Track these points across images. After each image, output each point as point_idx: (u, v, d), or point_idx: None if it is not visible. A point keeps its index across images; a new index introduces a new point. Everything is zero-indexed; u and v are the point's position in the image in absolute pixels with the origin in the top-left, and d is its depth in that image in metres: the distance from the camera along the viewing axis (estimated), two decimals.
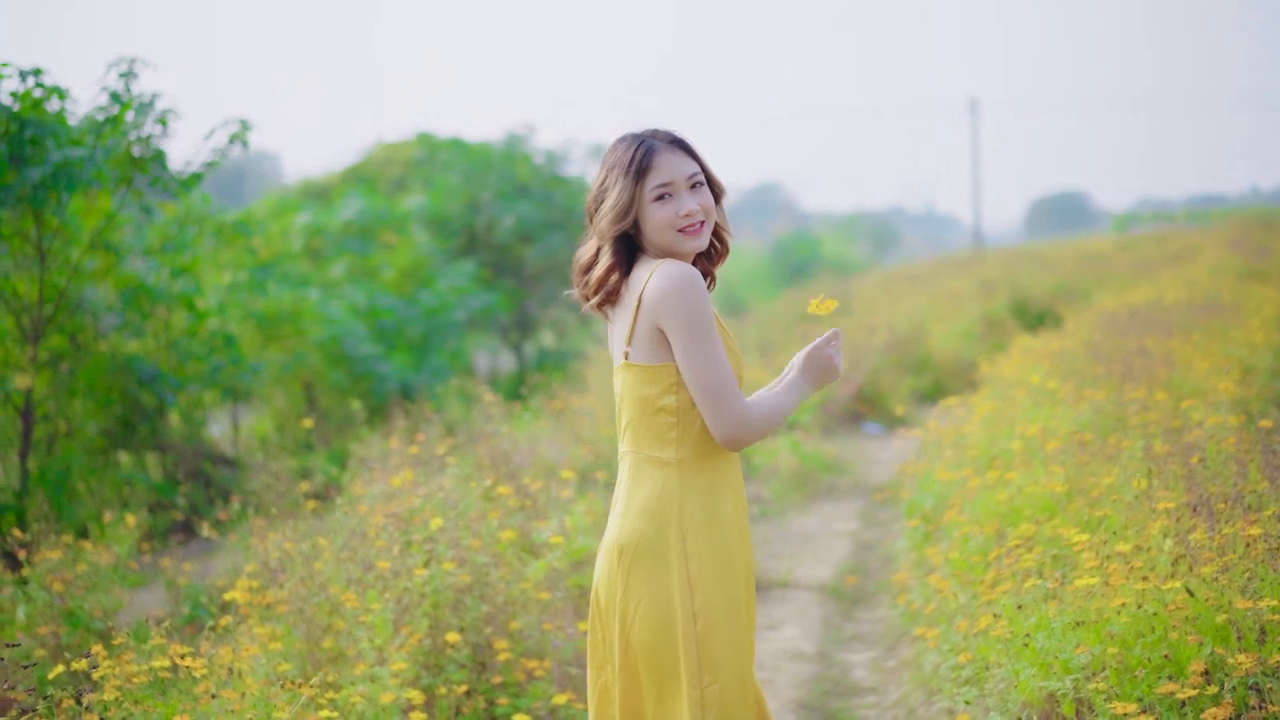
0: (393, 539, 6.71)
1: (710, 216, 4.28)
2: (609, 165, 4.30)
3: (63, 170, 10.01)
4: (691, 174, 4.24)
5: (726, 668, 4.15)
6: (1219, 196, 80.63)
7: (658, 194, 4.20)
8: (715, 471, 4.24)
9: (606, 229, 4.27)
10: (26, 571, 8.28)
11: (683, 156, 4.26)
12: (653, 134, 4.30)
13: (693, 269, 4.17)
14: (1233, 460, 6.83)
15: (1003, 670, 5.48)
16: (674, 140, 4.29)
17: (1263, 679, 4.43)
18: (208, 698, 5.17)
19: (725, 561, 4.22)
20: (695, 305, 4.13)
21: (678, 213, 4.20)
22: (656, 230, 4.22)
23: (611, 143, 4.35)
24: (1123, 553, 5.45)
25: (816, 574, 9.93)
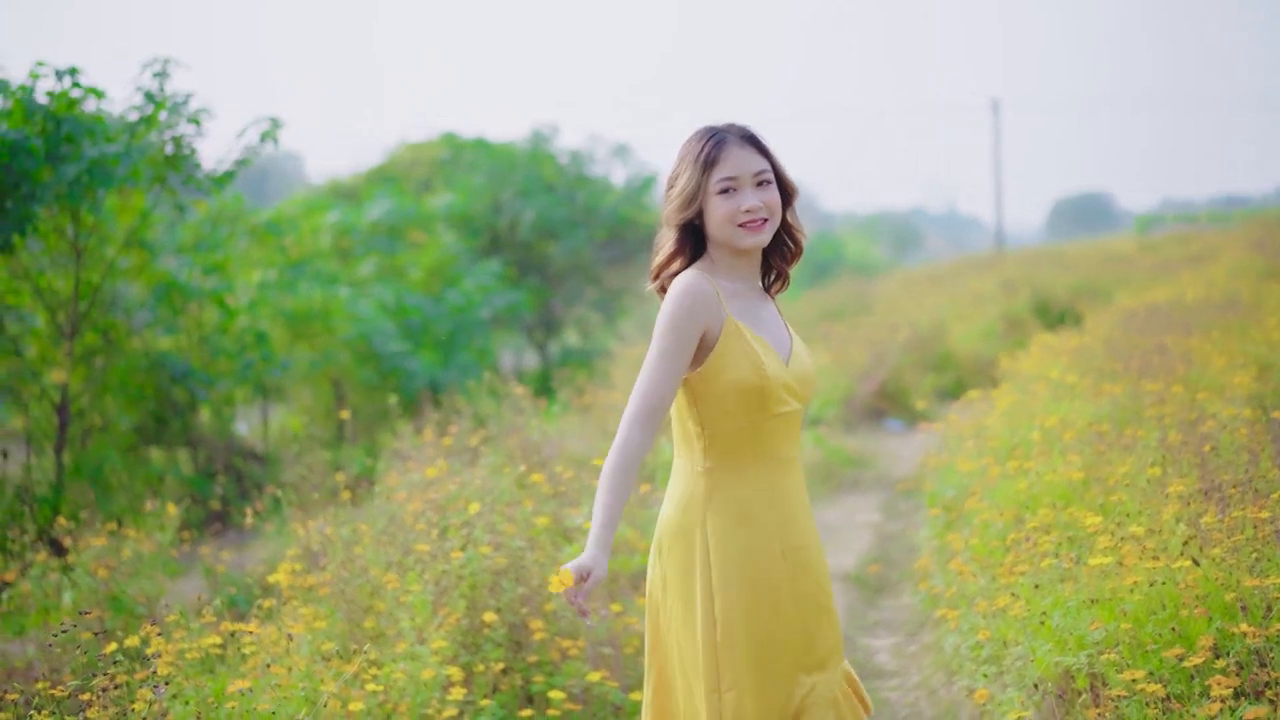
0: (431, 524, 6.92)
1: (774, 215, 4.27)
2: (682, 156, 4.32)
3: (98, 167, 10.18)
4: (759, 171, 4.24)
5: (747, 677, 4.16)
6: (1243, 197, 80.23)
7: (722, 187, 4.21)
8: (750, 483, 4.21)
9: (672, 216, 4.30)
10: (72, 558, 8.52)
11: (752, 153, 4.26)
12: (727, 128, 4.30)
13: (697, 280, 4.20)
14: (1244, 450, 7.01)
15: (1020, 648, 5.67)
16: (747, 136, 4.29)
17: (1265, 646, 4.63)
18: (258, 671, 5.38)
19: (753, 572, 4.19)
20: (669, 314, 4.17)
21: (739, 207, 4.20)
22: (717, 223, 4.23)
23: (690, 135, 4.35)
24: (1136, 535, 5.65)
25: (841, 563, 10.13)
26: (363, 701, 5.46)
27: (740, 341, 4.20)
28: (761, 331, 4.27)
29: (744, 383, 4.16)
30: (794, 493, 4.29)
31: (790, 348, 4.32)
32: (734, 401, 4.17)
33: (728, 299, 4.25)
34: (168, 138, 11.22)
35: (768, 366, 4.18)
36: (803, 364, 4.32)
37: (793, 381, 4.24)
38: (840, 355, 18.65)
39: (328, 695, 5.25)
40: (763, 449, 4.22)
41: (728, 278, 4.30)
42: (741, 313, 4.26)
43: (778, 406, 4.20)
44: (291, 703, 5.18)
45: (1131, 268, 29.46)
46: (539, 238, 24.30)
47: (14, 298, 11.42)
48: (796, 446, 4.32)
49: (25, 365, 11.45)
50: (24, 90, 10.24)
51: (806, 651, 4.23)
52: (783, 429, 4.24)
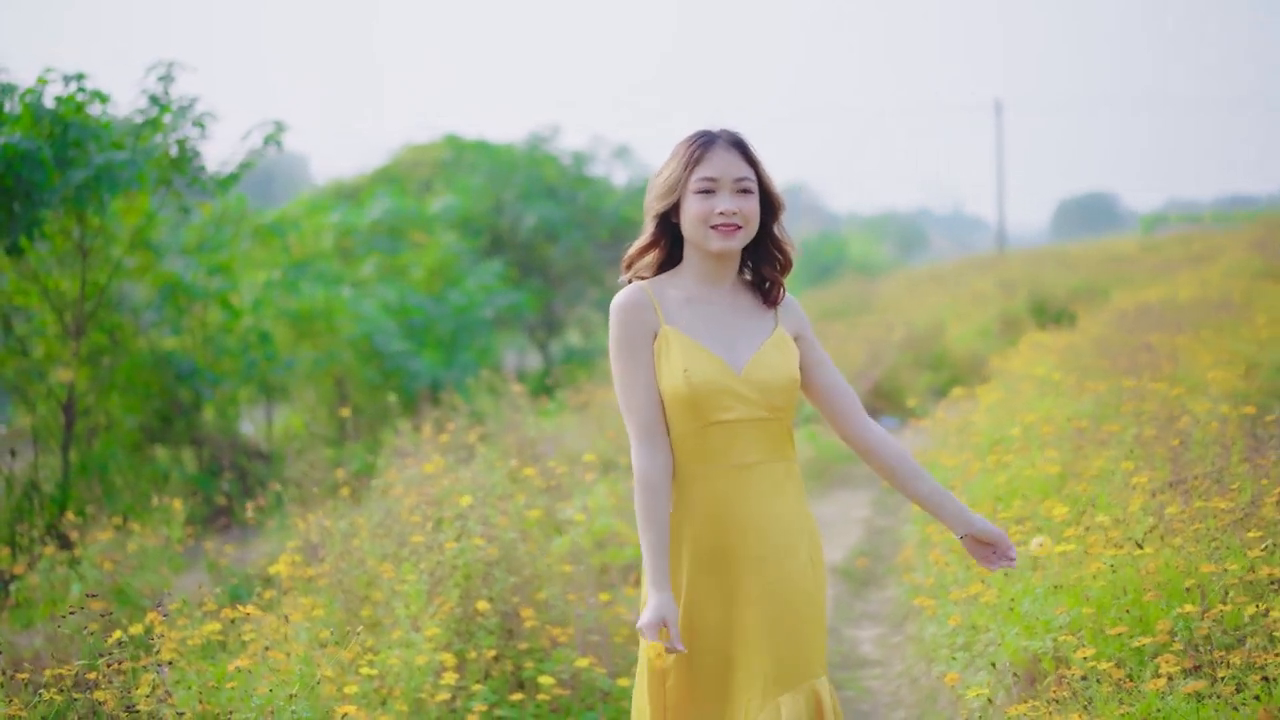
0: (426, 516, 7.13)
1: (748, 223, 4.25)
2: (673, 152, 4.32)
3: (105, 172, 10.31)
4: (741, 177, 4.24)
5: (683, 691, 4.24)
6: (1248, 198, 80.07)
7: (701, 186, 4.21)
8: (702, 486, 4.23)
9: (651, 204, 4.32)
10: (79, 551, 8.72)
11: (738, 159, 4.26)
12: (720, 131, 4.31)
13: (628, 295, 4.28)
14: (1217, 444, 7.22)
15: (991, 634, 5.89)
16: (736, 142, 4.30)
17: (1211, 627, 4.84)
18: (258, 657, 5.59)
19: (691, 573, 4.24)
20: (612, 335, 4.29)
21: (714, 209, 4.20)
22: (690, 221, 4.24)
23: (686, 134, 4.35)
24: (1102, 524, 5.86)
25: (830, 557, 10.32)
26: (358, 685, 5.67)
27: (670, 350, 4.23)
28: (707, 338, 4.25)
29: (674, 390, 4.19)
30: (751, 501, 4.21)
31: (752, 356, 4.25)
32: (673, 408, 4.20)
33: (675, 306, 4.29)
34: (172, 141, 11.39)
35: (695, 375, 4.18)
36: (766, 372, 4.23)
37: (744, 389, 4.20)
38: (837, 354, 18.79)
39: (320, 676, 5.44)
40: (710, 455, 4.21)
41: (694, 281, 4.32)
42: (688, 319, 4.28)
43: (717, 414, 4.18)
44: (289, 685, 5.38)
45: (1133, 268, 29.58)
46: (540, 239, 24.48)
47: (22, 298, 11.58)
48: (764, 453, 4.23)
49: (32, 365, 11.61)
50: (32, 95, 10.42)
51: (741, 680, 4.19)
52: (731, 436, 4.20)
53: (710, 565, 4.20)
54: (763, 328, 4.32)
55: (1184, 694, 4.39)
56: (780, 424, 4.28)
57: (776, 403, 4.25)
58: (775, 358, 4.26)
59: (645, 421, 4.21)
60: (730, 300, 4.35)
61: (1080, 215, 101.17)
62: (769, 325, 4.33)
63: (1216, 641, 4.77)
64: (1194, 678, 4.48)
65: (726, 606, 4.21)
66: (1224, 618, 4.87)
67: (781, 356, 4.28)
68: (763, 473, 4.23)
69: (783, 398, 4.26)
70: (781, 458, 4.29)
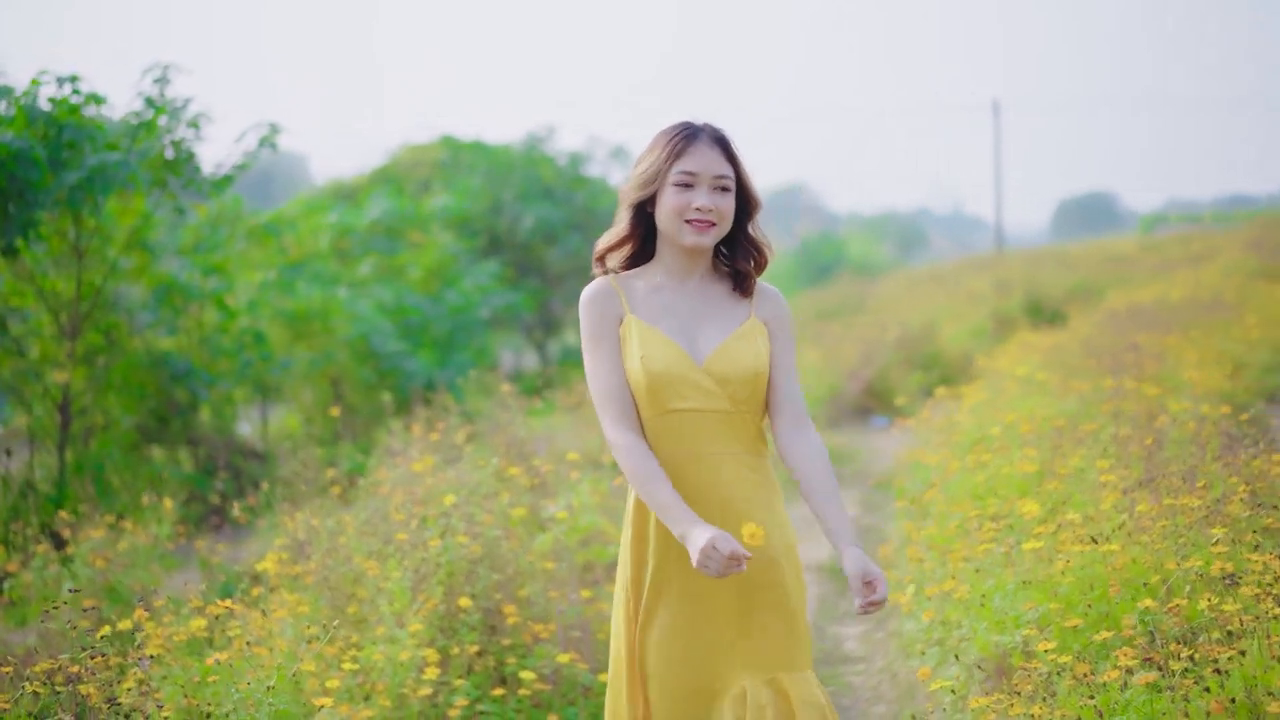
0: (411, 515, 7.23)
1: (723, 220, 4.27)
2: (654, 142, 4.32)
3: (99, 174, 10.37)
4: (720, 175, 4.25)
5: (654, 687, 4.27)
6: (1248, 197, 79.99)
7: (680, 180, 4.22)
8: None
9: (628, 193, 4.33)
10: (71, 549, 8.81)
11: (719, 156, 4.27)
12: (703, 126, 4.32)
13: (595, 286, 4.34)
14: (1193, 443, 7.33)
15: (963, 629, 5.99)
16: (719, 139, 4.30)
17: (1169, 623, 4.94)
18: (243, 653, 5.68)
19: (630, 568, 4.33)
20: (582, 325, 4.34)
21: (690, 204, 4.21)
22: (666, 214, 4.25)
23: (667, 124, 4.35)
24: (1073, 522, 5.96)
25: (816, 555, 10.39)
26: (340, 680, 5.76)
27: (631, 338, 4.28)
28: (668, 328, 4.28)
29: (634, 378, 4.24)
30: (714, 490, 4.23)
31: (715, 347, 4.26)
32: (636, 395, 4.25)
33: (642, 296, 4.33)
34: (167, 142, 11.47)
35: (651, 362, 4.22)
36: (726, 364, 4.24)
37: (703, 379, 4.23)
38: (831, 354, 18.93)
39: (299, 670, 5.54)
40: (672, 443, 4.24)
41: (664, 273, 4.35)
42: (652, 309, 4.31)
43: (674, 402, 4.22)
44: (268, 678, 5.47)
45: (1131, 268, 29.68)
46: (538, 240, 24.56)
47: (18, 299, 11.64)
48: (727, 444, 4.25)
49: (29, 365, 11.67)
50: (27, 97, 10.50)
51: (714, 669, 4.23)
52: (690, 425, 4.23)
53: (678, 554, 4.22)
54: (733, 318, 4.34)
55: (1139, 686, 4.49)
56: (744, 417, 4.29)
57: (738, 395, 4.26)
58: (739, 349, 4.27)
59: (617, 408, 4.26)
60: (699, 291, 4.37)
61: (1080, 215, 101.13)
62: (741, 315, 4.35)
63: (1171, 635, 4.87)
64: (1148, 670, 4.58)
65: (694, 596, 4.23)
66: (1182, 612, 4.97)
67: (747, 348, 4.28)
68: (725, 462, 4.25)
69: (744, 390, 4.27)
70: (749, 451, 4.31)
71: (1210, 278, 22.07)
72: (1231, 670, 4.39)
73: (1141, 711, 4.41)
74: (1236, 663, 4.43)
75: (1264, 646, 4.43)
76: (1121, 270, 29.23)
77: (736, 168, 4.32)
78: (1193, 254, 30.72)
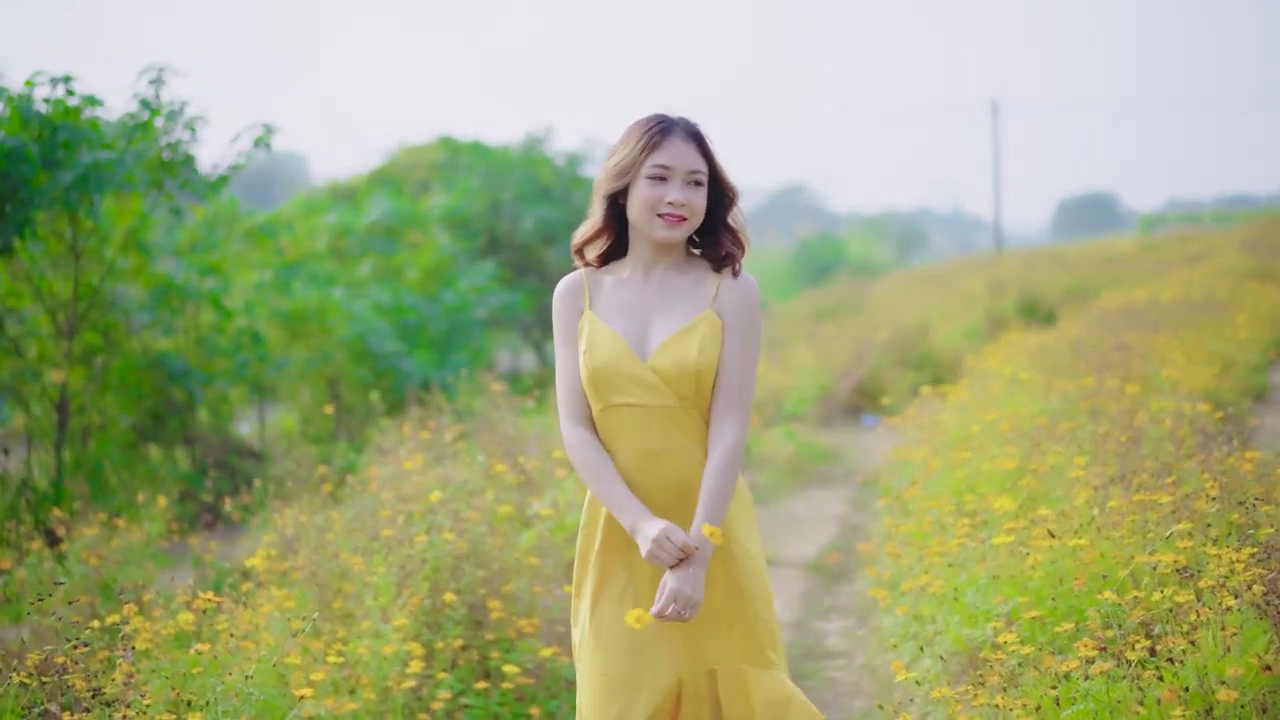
0: (398, 511, 7.34)
1: (694, 216, 4.26)
2: (628, 133, 4.32)
3: (92, 173, 10.48)
4: (694, 170, 4.25)
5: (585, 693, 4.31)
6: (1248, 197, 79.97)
7: (654, 173, 4.22)
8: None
9: (601, 184, 4.34)
10: (65, 547, 8.91)
11: (694, 150, 4.27)
12: (678, 120, 4.30)
13: (565, 281, 4.44)
14: (1169, 440, 7.43)
15: (937, 623, 6.10)
16: (693, 133, 4.30)
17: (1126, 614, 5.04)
18: (230, 647, 5.78)
19: (604, 552, 4.34)
20: (553, 317, 4.41)
21: (663, 197, 4.21)
22: (637, 207, 4.25)
23: (640, 116, 4.36)
24: (1045, 517, 6.07)
25: (802, 552, 10.52)
26: (325, 673, 5.87)
27: (584, 333, 4.33)
28: (620, 323, 4.31)
29: (584, 370, 4.28)
30: (655, 486, 4.25)
31: (660, 343, 4.26)
32: (585, 389, 4.31)
33: (606, 291, 4.38)
34: (164, 143, 11.57)
35: (592, 357, 4.27)
36: (669, 360, 4.22)
37: (647, 374, 4.23)
38: (823, 353, 19.02)
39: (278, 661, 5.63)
40: (617, 438, 4.27)
41: (632, 265, 4.38)
42: (610, 304, 4.35)
43: (616, 397, 4.25)
44: (258, 674, 5.57)
45: (1128, 268, 29.72)
46: (537, 241, 24.61)
47: (15, 299, 11.72)
48: (672, 440, 4.25)
49: (26, 365, 11.77)
50: (22, 99, 10.59)
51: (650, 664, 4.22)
52: (634, 420, 4.25)
53: (623, 546, 4.28)
54: (688, 312, 4.30)
55: (1097, 674, 4.60)
56: (693, 414, 4.27)
57: (682, 391, 4.24)
58: (684, 346, 4.23)
59: (569, 403, 4.33)
60: (661, 283, 4.36)
61: (1081, 215, 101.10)
62: (698, 308, 4.31)
63: (1130, 626, 4.97)
64: (1105, 659, 4.68)
65: (637, 586, 4.27)
66: (1143, 604, 5.07)
67: (692, 343, 4.24)
68: (670, 460, 4.26)
69: (686, 386, 4.24)
70: (701, 447, 4.28)
71: (1203, 278, 22.14)
72: (1186, 660, 4.50)
73: (1099, 700, 4.52)
74: (1191, 652, 4.54)
75: (1218, 637, 4.54)
76: (1118, 270, 29.28)
77: (711, 162, 4.32)
78: (1190, 254, 30.76)
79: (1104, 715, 4.47)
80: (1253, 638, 4.51)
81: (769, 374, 17.19)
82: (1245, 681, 4.37)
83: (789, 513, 12.17)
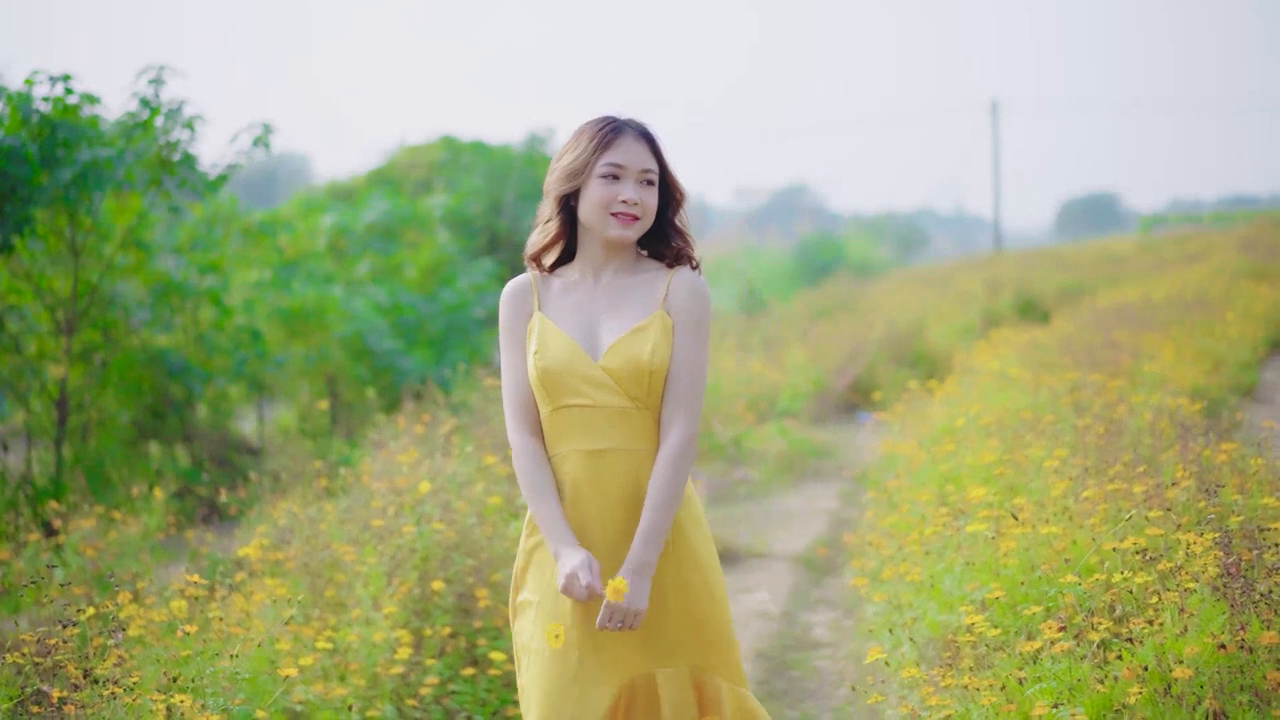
0: (389, 503, 7.46)
1: (647, 215, 4.26)
2: (576, 134, 4.33)
3: (91, 171, 10.58)
4: (646, 169, 4.25)
5: (528, 664, 4.32)
6: (1250, 198, 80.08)
7: (607, 171, 4.22)
8: (558, 470, 4.33)
9: (553, 186, 4.32)
10: (63, 538, 9.03)
11: (645, 150, 4.28)
12: (628, 121, 4.31)
13: (513, 285, 4.43)
14: (1149, 433, 7.55)
15: (914, 610, 6.23)
16: (644, 133, 4.31)
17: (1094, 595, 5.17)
18: (222, 634, 5.90)
19: (537, 557, 4.36)
20: (499, 321, 4.43)
21: (617, 196, 4.21)
22: (591, 206, 4.25)
23: (589, 119, 4.35)
24: (1020, 506, 6.19)
25: (792, 546, 10.64)
26: (315, 659, 5.99)
27: (533, 335, 4.34)
28: (570, 324, 4.32)
29: (530, 374, 4.31)
30: (601, 489, 4.27)
31: (612, 343, 4.27)
32: (535, 391, 4.32)
33: (555, 293, 4.39)
34: (163, 142, 11.66)
35: (542, 359, 4.27)
36: (620, 360, 4.24)
37: (598, 375, 4.25)
38: (818, 351, 19.12)
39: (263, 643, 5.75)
40: (563, 439, 4.29)
41: (581, 269, 4.39)
42: (560, 306, 4.37)
43: (567, 398, 4.26)
44: (248, 658, 5.69)
45: (1125, 268, 29.82)
46: None
47: (15, 297, 11.82)
48: (622, 440, 4.26)
49: (26, 362, 11.87)
50: (21, 97, 10.69)
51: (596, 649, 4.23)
52: (583, 421, 4.26)
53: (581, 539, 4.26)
54: (638, 312, 4.31)
55: (1059, 654, 4.73)
56: (645, 414, 4.29)
57: (633, 391, 4.26)
58: (634, 346, 4.24)
59: (515, 408, 4.36)
60: (611, 284, 4.37)
61: (1083, 216, 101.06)
62: (648, 309, 4.31)
63: (1091, 607, 5.10)
64: (1064, 639, 4.82)
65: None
66: (1105, 587, 5.20)
67: (644, 343, 4.25)
68: (619, 460, 4.27)
69: (638, 387, 4.26)
70: (646, 448, 4.29)
71: (1198, 277, 22.25)
72: (1146, 640, 4.62)
73: (1061, 679, 4.64)
74: (1151, 633, 4.66)
75: (1177, 619, 4.66)
76: (1116, 270, 29.38)
77: (661, 161, 4.33)
78: (1188, 254, 30.86)
79: (1066, 693, 4.59)
80: (1210, 618, 4.63)
81: (765, 372, 17.32)
82: (1201, 660, 4.49)
83: (780, 507, 12.29)
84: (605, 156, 4.25)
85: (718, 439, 14.19)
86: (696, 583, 4.33)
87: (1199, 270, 24.05)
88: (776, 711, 7.15)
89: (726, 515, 11.68)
